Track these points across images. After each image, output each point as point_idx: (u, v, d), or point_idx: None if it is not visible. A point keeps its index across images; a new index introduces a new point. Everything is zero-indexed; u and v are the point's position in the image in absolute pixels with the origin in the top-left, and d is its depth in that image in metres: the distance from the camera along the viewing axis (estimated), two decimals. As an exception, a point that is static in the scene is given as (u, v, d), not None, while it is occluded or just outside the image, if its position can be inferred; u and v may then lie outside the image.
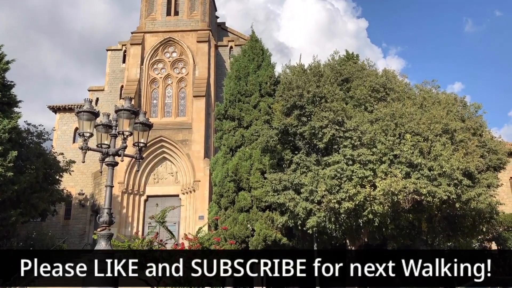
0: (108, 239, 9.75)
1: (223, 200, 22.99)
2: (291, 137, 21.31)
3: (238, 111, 24.49)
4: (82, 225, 34.48)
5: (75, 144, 36.52)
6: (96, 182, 34.48)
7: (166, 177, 33.39)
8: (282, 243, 21.35)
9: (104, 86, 37.34)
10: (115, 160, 10.57)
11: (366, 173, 18.32)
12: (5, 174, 23.16)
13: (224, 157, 24.20)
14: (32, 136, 28.98)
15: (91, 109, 10.27)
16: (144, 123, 10.97)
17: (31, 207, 26.49)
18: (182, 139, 32.76)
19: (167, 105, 34.70)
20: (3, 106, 25.24)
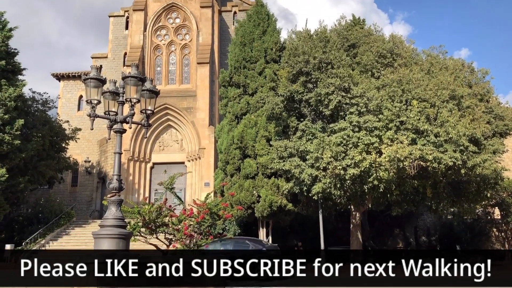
0: (118, 204, 9.87)
1: (229, 167, 23.15)
2: (296, 104, 21.26)
3: (243, 78, 24.33)
4: (89, 192, 34.90)
5: (80, 112, 36.54)
6: (102, 149, 34.68)
7: (172, 144, 33.52)
8: (288, 209, 21.64)
9: (107, 54, 37.00)
10: (123, 127, 10.56)
11: (372, 139, 18.35)
12: (13, 142, 23.32)
13: (230, 124, 24.20)
14: (37, 104, 29.00)
15: (98, 76, 10.19)
16: (151, 90, 10.90)
17: (39, 174, 26.80)
18: (186, 106, 32.69)
19: (171, 72, 34.45)
20: (7, 74, 25.16)
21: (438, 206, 22.47)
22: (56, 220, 28.31)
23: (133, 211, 11.86)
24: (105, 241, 9.29)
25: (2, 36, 25.13)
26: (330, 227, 27.70)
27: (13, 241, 25.68)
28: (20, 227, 27.52)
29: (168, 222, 11.93)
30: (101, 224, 9.61)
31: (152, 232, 11.88)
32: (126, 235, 9.58)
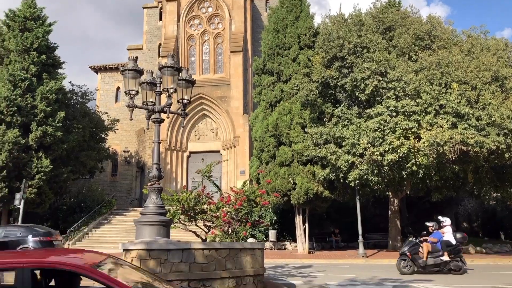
0: (158, 192, 10.06)
1: (264, 155, 23.19)
2: (331, 90, 21.01)
3: (277, 65, 24.20)
4: (129, 181, 35.83)
5: (117, 103, 37.41)
6: (140, 139, 35.45)
7: (207, 133, 33.89)
8: (324, 196, 21.52)
9: (142, 45, 37.60)
10: (160, 117, 10.74)
11: (410, 124, 17.97)
12: (55, 133, 24.17)
13: (264, 112, 24.18)
14: (77, 97, 29.91)
15: (136, 67, 10.36)
16: (187, 80, 11.01)
17: (80, 164, 27.71)
18: (221, 95, 32.89)
19: (205, 61, 34.68)
20: (48, 68, 26.01)
21: (480, 191, 21.86)
22: (97, 208, 29.27)
23: (172, 199, 12.06)
24: (147, 228, 9.50)
25: (42, 31, 25.95)
26: (368, 214, 27.43)
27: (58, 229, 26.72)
28: (64, 216, 28.60)
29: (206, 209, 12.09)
30: (142, 212, 9.84)
31: (191, 219, 12.06)
32: (166, 222, 9.78)
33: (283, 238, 26.11)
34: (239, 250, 8.94)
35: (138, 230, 9.66)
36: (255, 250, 9.41)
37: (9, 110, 23.34)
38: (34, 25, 25.95)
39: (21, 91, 23.83)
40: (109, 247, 24.48)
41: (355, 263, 18.94)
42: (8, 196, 23.21)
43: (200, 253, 8.21)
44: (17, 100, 23.54)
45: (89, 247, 25.02)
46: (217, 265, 8.36)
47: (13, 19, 26.11)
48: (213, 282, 8.18)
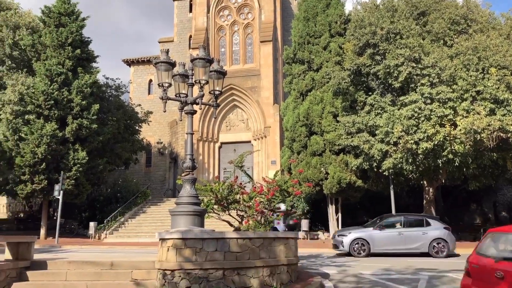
0: (192, 183, 10.20)
1: (295, 144, 23.13)
2: (364, 77, 20.69)
3: (308, 54, 23.98)
4: (162, 172, 36.45)
5: (150, 96, 38.00)
6: (172, 131, 35.94)
7: (238, 124, 34.02)
8: (357, 185, 21.33)
9: (173, 37, 37.96)
10: (193, 108, 10.85)
11: (445, 111, 17.52)
12: (91, 126, 24.80)
13: (295, 101, 24.07)
14: (111, 90, 30.54)
15: (168, 59, 10.48)
16: (218, 71, 11.06)
17: (115, 156, 28.38)
18: (251, 86, 32.90)
19: (235, 52, 34.71)
20: (83, 62, 26.63)
21: (520, 179, 21.13)
22: (133, 199, 29.95)
23: (205, 189, 12.22)
24: (182, 218, 9.67)
25: (76, 26, 26.54)
26: (402, 203, 27.00)
27: (95, 219, 27.56)
28: (101, 206, 29.40)
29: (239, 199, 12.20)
30: (177, 202, 10.01)
31: (225, 209, 12.20)
32: (200, 212, 9.92)
33: (316, 228, 26.06)
34: (272, 239, 8.98)
35: (173, 220, 9.84)
36: (288, 239, 9.43)
37: (46, 104, 24.08)
38: (68, 21, 26.57)
39: (58, 85, 24.51)
40: (144, 236, 25.08)
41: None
42: (48, 187, 24.03)
43: (234, 242, 8.29)
44: (54, 94, 24.24)
45: (125, 236, 25.70)
46: (251, 254, 8.42)
47: (49, 15, 26.81)
48: (248, 271, 8.26)
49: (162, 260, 8.14)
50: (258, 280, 8.34)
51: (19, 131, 23.79)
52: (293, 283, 9.23)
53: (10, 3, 30.24)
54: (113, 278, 8.70)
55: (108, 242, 24.04)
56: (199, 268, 7.89)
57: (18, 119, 23.99)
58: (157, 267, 8.22)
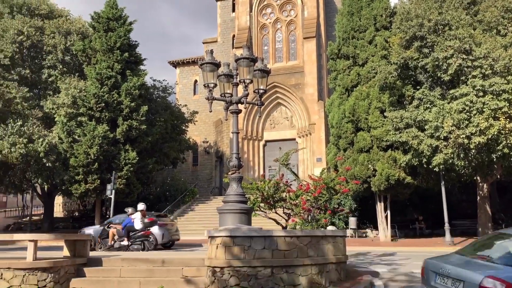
0: (238, 181, 10.31)
1: (341, 141, 22.83)
2: (411, 71, 20.11)
3: (352, 49, 23.59)
4: (209, 170, 37.04)
5: (196, 96, 38.68)
6: (217, 130, 36.42)
7: (282, 122, 33.99)
8: (406, 182, 20.78)
9: (217, 38, 38.43)
10: (238, 108, 10.96)
11: (500, 104, 16.76)
12: (140, 127, 25.55)
13: (340, 97, 23.74)
14: (158, 91, 31.34)
15: (213, 60, 10.62)
16: (262, 70, 11.10)
17: (164, 155, 29.12)
18: (294, 83, 32.77)
19: (278, 50, 34.69)
20: (131, 65, 27.46)
21: None
22: (181, 197, 30.62)
23: (252, 187, 12.31)
24: (229, 216, 9.79)
25: (124, 30, 27.39)
26: (454, 200, 26.10)
27: (146, 217, 28.33)
28: (151, 205, 30.18)
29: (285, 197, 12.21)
30: (224, 200, 10.14)
31: (271, 207, 12.25)
32: (247, 210, 10.01)
33: (364, 225, 25.64)
34: (320, 237, 8.93)
35: (221, 218, 9.98)
36: (336, 237, 9.35)
37: (98, 107, 25.02)
38: (116, 25, 27.46)
39: (108, 88, 25.41)
40: (193, 234, 25.56)
41: (442, 250, 18.10)
42: (101, 187, 24.98)
43: (282, 240, 8.31)
44: (105, 97, 25.15)
45: (175, 234, 26.28)
46: (299, 253, 8.41)
47: (98, 21, 27.82)
48: (296, 269, 8.25)
49: (211, 257, 8.28)
50: (307, 278, 8.32)
51: (73, 133, 24.87)
52: (342, 281, 9.14)
53: (61, 10, 31.62)
54: (164, 275, 8.95)
55: (158, 240, 24.66)
56: (247, 265, 7.97)
57: (72, 121, 25.07)
58: (206, 264, 8.37)
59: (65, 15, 31.14)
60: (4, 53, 26.32)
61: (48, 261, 8.69)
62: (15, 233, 15.89)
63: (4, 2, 29.26)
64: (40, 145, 23.97)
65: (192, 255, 10.47)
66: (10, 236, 12.48)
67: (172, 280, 8.73)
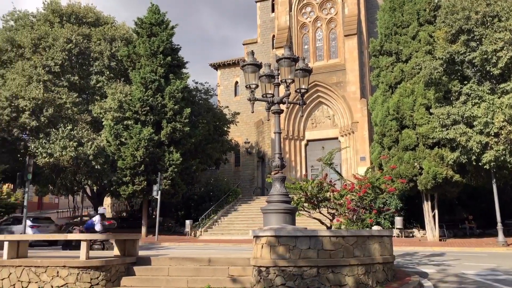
0: (282, 181, 10.32)
1: (385, 139, 22.38)
2: (458, 66, 19.47)
3: (395, 45, 23.08)
4: (251, 170, 37.25)
5: (237, 97, 39.00)
6: (259, 130, 36.58)
7: (324, 121, 33.71)
8: (454, 180, 20.10)
9: (256, 39, 38.59)
10: (280, 108, 10.97)
11: (555, 97, 15.94)
12: (183, 129, 26.07)
13: (383, 95, 23.28)
14: (200, 93, 31.85)
15: (254, 61, 10.69)
16: (304, 69, 11.07)
17: (207, 156, 29.57)
18: (336, 81, 32.43)
19: (318, 48, 34.44)
20: (174, 69, 28.04)
21: None
22: (224, 197, 30.96)
23: (295, 187, 12.29)
24: (273, 216, 9.82)
25: (166, 35, 28.02)
26: (506, 198, 25.01)
27: (190, 217, 28.88)
28: (195, 205, 30.78)
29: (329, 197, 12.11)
30: (268, 200, 10.18)
31: (315, 207, 12.18)
32: (291, 210, 10.00)
33: (410, 225, 25.02)
34: (366, 237, 8.81)
35: (265, 218, 10.02)
36: (383, 237, 9.19)
37: (143, 110, 25.73)
38: (159, 30, 28.12)
39: (152, 91, 26.06)
40: (236, 233, 25.81)
41: (494, 251, 17.44)
42: (147, 188, 25.66)
43: (328, 240, 8.25)
44: (149, 100, 25.82)
45: (219, 234, 26.63)
46: (345, 252, 8.33)
47: (141, 26, 28.58)
48: (342, 269, 8.18)
49: (256, 257, 8.33)
50: (353, 278, 8.22)
51: (120, 136, 25.68)
52: (390, 281, 8.97)
53: (107, 17, 32.70)
54: (211, 274, 9.09)
55: (203, 239, 25.09)
56: (293, 265, 7.97)
57: (119, 125, 25.89)
58: (252, 264, 8.43)
59: (110, 22, 32.18)
60: (54, 60, 27.51)
61: (100, 260, 9.02)
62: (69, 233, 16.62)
63: (54, 12, 30.58)
64: (89, 148, 24.90)
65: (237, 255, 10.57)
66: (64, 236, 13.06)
67: (219, 279, 8.85)
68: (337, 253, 8.24)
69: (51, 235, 14.36)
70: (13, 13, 31.28)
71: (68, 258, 9.54)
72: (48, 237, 14.08)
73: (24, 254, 9.97)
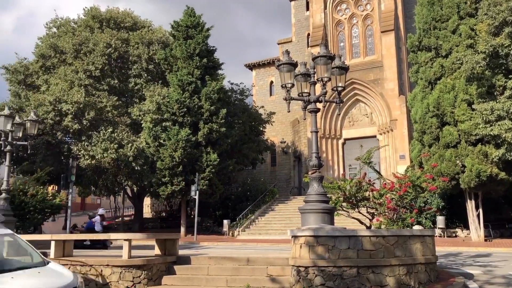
0: (319, 181, 10.24)
1: (425, 137, 21.81)
2: (502, 59, 18.72)
3: (434, 40, 22.45)
4: (287, 170, 37.15)
5: (272, 97, 38.99)
6: (294, 130, 36.43)
7: (361, 119, 33.19)
8: (500, 178, 19.36)
9: (291, 37, 38.45)
10: (316, 107, 10.88)
11: None
12: (220, 129, 26.29)
13: (423, 91, 22.69)
14: (236, 94, 32.03)
15: (290, 60, 10.65)
16: (340, 67, 10.96)
17: (243, 157, 29.72)
18: (373, 78, 31.87)
19: (354, 45, 33.95)
20: (209, 70, 28.32)
21: None
22: (261, 197, 31.01)
23: (333, 187, 12.15)
24: (311, 216, 9.75)
25: (202, 37, 28.32)
26: (557, 197, 23.84)
27: (228, 217, 29.09)
28: (232, 205, 30.96)
29: (369, 196, 11.91)
30: (306, 200, 10.12)
31: (354, 206, 12.01)
32: (330, 209, 9.91)
33: (453, 225, 24.27)
34: (407, 237, 8.62)
35: (303, 217, 9.97)
36: (425, 237, 8.97)
37: (180, 112, 26.13)
38: (195, 32, 28.47)
39: (189, 93, 26.43)
40: (274, 233, 25.79)
41: (544, 253, 16.67)
42: (185, 188, 26.03)
43: (367, 240, 8.13)
44: (186, 102, 26.19)
45: (256, 233, 26.70)
46: (386, 253, 8.18)
47: (177, 29, 29.02)
48: (383, 269, 8.03)
49: (295, 257, 8.30)
50: (394, 278, 8.06)
51: (158, 138, 26.17)
52: (433, 282, 8.74)
53: (144, 21, 33.39)
54: (250, 274, 9.12)
55: (240, 239, 25.22)
56: (332, 265, 7.89)
57: (157, 126, 26.40)
58: (291, 263, 8.41)
59: (147, 26, 32.84)
60: (95, 65, 28.34)
61: (142, 259, 9.23)
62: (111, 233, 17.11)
63: (94, 18, 31.50)
64: (129, 150, 25.51)
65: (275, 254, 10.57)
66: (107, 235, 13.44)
67: (257, 278, 8.88)
68: (378, 253, 8.10)
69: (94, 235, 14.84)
70: (56, 21, 32.43)
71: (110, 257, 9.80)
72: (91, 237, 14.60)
73: (70, 253, 10.32)
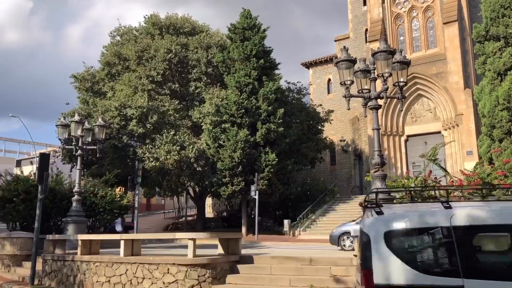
0: (382, 179, 9.98)
1: (495, 131, 20.61)
2: None
3: (503, 28, 21.18)
4: (347, 169, 36.54)
5: (330, 95, 38.52)
6: (354, 127, 35.75)
7: (424, 114, 31.97)
8: None
9: (348, 34, 37.80)
10: (377, 103, 10.62)
11: None
12: (277, 129, 26.37)
13: (491, 83, 21.47)
14: (293, 93, 31.97)
15: (349, 57, 10.46)
16: (402, 62, 10.60)
17: (302, 156, 29.59)
18: (436, 72, 30.60)
19: (415, 39, 32.77)
20: (266, 71, 28.47)
21: None
22: (321, 197, 30.71)
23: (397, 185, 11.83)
24: (375, 215, 9.52)
25: (258, 38, 28.52)
26: None
27: (288, 217, 29.07)
28: (292, 204, 30.90)
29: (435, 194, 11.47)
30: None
31: (419, 205, 11.61)
32: (394, 209, 9.62)
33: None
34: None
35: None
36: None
37: (238, 113, 26.48)
38: (251, 34, 28.73)
39: (246, 94, 26.73)
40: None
41: None
42: (245, 188, 26.34)
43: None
44: (244, 103, 26.50)
45: (318, 233, 26.48)
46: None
47: (234, 32, 29.42)
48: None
49: (359, 257, 8.14)
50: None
51: (218, 139, 26.69)
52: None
53: (202, 26, 34.15)
54: (313, 273, 9.07)
55: (302, 239, 25.13)
56: (398, 266, 7.65)
57: (217, 128, 26.93)
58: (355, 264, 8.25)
59: (205, 30, 33.57)
60: (157, 70, 29.38)
61: (207, 258, 9.44)
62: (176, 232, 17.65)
63: (154, 25, 32.66)
64: (191, 152, 26.20)
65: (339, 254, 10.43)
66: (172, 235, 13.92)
67: (321, 278, 8.81)
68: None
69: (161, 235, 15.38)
70: (119, 29, 33.96)
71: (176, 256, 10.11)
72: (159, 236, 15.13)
73: (138, 252, 10.76)
